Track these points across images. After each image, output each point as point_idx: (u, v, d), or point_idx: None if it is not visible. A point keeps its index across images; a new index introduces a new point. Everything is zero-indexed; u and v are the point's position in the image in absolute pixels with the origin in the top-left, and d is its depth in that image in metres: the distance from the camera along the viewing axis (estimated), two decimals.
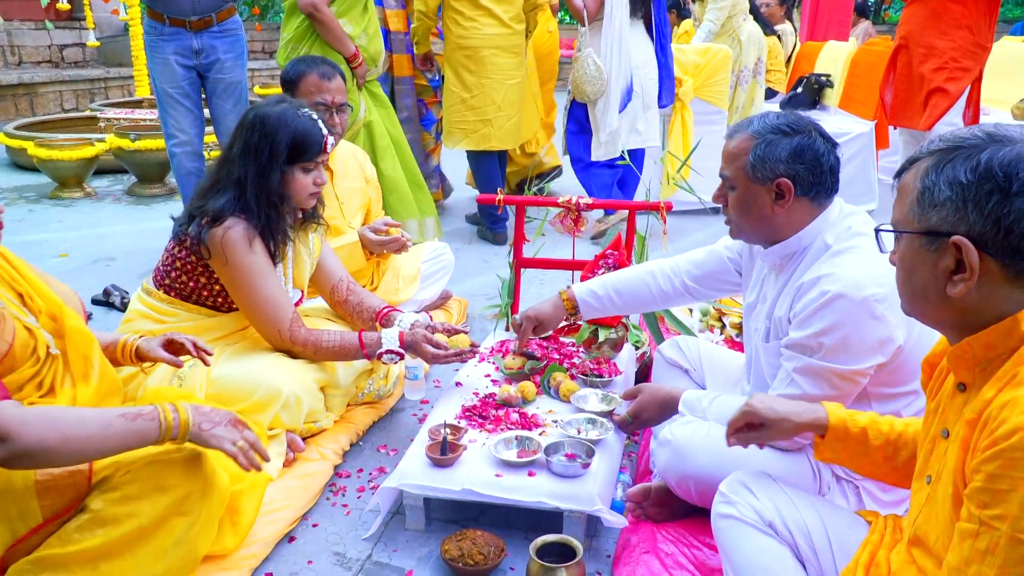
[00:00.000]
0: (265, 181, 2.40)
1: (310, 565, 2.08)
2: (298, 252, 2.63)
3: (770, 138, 1.87)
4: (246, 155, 2.40)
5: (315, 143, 2.43)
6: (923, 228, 1.20)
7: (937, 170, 1.18)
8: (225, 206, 2.38)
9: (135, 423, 1.64)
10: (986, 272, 1.16)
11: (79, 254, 4.64)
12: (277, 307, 2.44)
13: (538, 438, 2.26)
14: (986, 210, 1.13)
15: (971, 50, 4.31)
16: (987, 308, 1.18)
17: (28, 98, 8.92)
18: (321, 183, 2.51)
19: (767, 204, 1.90)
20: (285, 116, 2.40)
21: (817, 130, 1.90)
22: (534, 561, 1.86)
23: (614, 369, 2.67)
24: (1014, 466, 1.05)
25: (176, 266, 2.47)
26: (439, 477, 2.14)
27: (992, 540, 1.07)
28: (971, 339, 1.20)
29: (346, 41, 3.99)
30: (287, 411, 2.42)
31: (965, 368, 1.24)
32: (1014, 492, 1.05)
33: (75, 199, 6.05)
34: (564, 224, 3.10)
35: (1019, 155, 1.13)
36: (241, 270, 2.38)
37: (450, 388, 2.65)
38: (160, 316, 2.50)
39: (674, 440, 2.02)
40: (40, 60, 9.75)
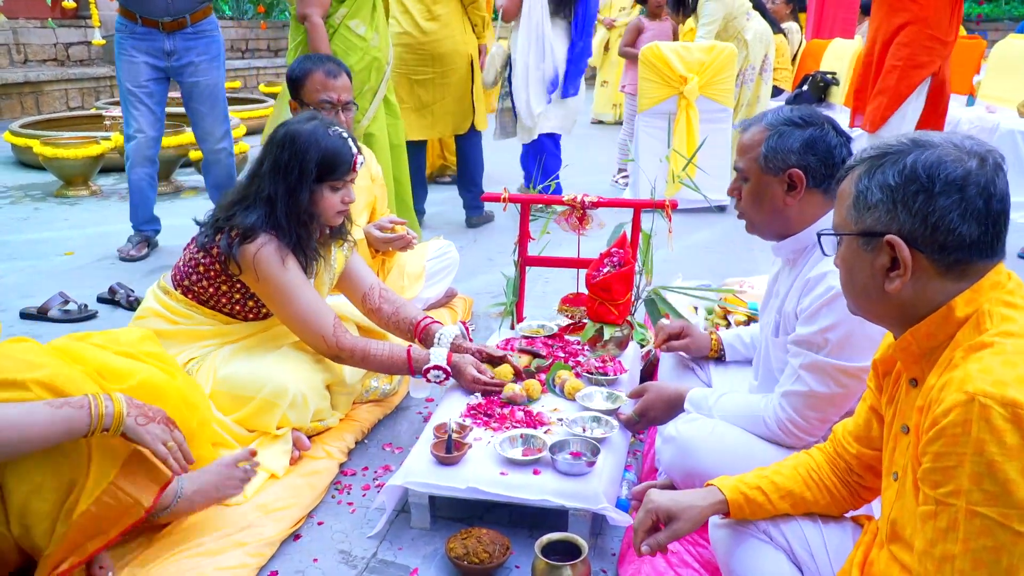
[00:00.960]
0: (295, 199, 2.39)
1: (315, 563, 2.08)
2: (319, 268, 2.62)
3: (783, 129, 1.90)
4: (276, 173, 2.40)
5: (345, 162, 2.43)
6: (859, 230, 1.30)
7: (869, 175, 1.28)
8: (256, 223, 2.37)
9: (61, 410, 1.55)
10: (919, 267, 1.25)
11: (84, 252, 4.65)
12: (318, 315, 2.43)
13: (543, 436, 2.26)
14: (914, 209, 1.22)
15: (927, 45, 4.27)
16: (923, 301, 1.27)
17: (34, 96, 8.93)
18: (349, 201, 2.50)
19: (779, 195, 1.92)
20: (316, 134, 2.39)
21: (830, 123, 1.93)
22: (539, 559, 1.86)
23: (619, 367, 2.67)
24: (956, 442, 1.11)
25: (199, 271, 2.46)
26: (444, 475, 2.14)
27: (951, 517, 1.12)
28: (912, 331, 1.29)
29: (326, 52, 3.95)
30: (294, 410, 2.42)
31: (912, 360, 1.32)
32: (960, 467, 1.11)
33: (81, 197, 6.06)
34: (569, 222, 3.09)
35: (940, 158, 1.22)
36: (276, 285, 2.38)
37: (455, 386, 2.65)
38: (174, 317, 2.50)
39: (679, 437, 2.02)
40: (46, 58, 9.76)
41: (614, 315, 2.78)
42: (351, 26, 4.00)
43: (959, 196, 1.20)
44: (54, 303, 3.63)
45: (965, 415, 1.11)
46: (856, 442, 1.56)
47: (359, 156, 2.48)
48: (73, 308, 3.65)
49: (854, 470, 1.58)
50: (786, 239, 1.98)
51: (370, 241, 3.20)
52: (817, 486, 1.58)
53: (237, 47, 12.74)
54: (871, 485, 1.57)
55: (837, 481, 1.59)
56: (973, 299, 1.23)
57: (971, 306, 1.23)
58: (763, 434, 1.97)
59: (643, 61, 5.59)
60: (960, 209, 1.20)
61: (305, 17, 3.86)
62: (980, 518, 1.10)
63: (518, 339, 2.97)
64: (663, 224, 2.97)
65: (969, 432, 1.10)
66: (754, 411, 1.99)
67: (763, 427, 1.96)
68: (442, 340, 2.65)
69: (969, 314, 1.23)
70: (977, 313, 1.22)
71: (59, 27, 9.92)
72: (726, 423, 2.05)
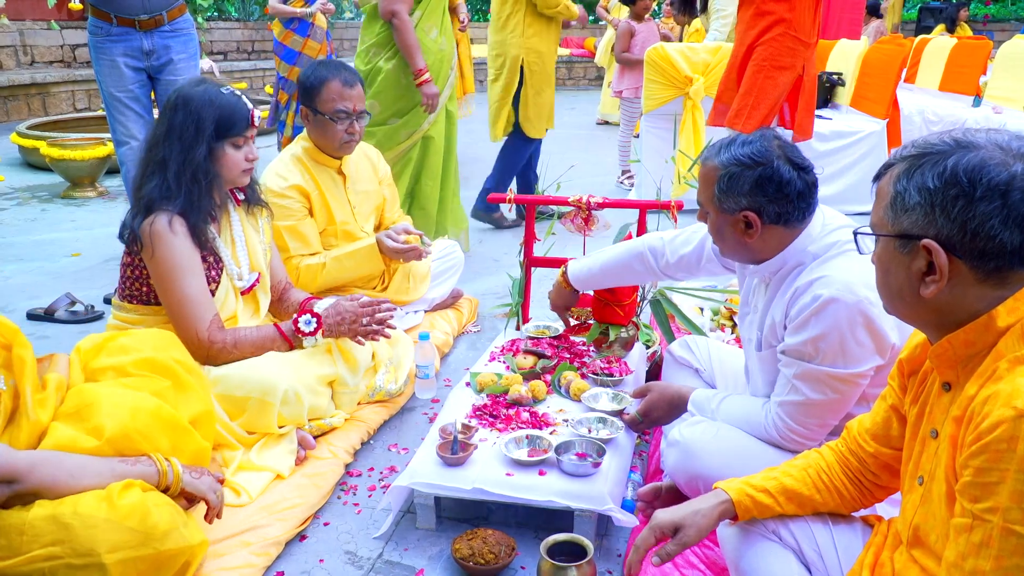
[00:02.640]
0: (190, 157, 2.38)
1: (321, 564, 2.08)
2: (248, 235, 2.63)
3: (733, 171, 1.86)
4: (170, 135, 2.40)
5: (242, 117, 2.44)
6: (896, 231, 1.25)
7: (908, 176, 1.22)
8: (153, 192, 2.37)
9: (135, 467, 1.78)
10: (957, 273, 1.20)
11: (91, 253, 4.66)
12: (198, 306, 2.39)
13: (549, 437, 2.26)
14: (953, 214, 1.17)
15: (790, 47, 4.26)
16: (961, 307, 1.22)
17: (41, 98, 8.97)
18: (253, 159, 2.52)
19: (739, 233, 1.92)
20: (208, 93, 2.42)
21: (784, 155, 1.86)
22: (545, 560, 1.86)
23: (625, 368, 2.67)
24: (1000, 458, 1.08)
25: (128, 274, 2.46)
26: (450, 476, 2.14)
27: (986, 533, 1.10)
28: (950, 337, 1.24)
29: (418, 54, 4.00)
30: (287, 407, 2.41)
31: (947, 366, 1.27)
32: (1002, 484, 1.08)
33: (87, 199, 6.07)
34: (574, 223, 3.09)
35: (983, 160, 1.16)
36: (166, 264, 2.35)
37: (461, 387, 2.66)
38: (132, 327, 2.45)
39: (683, 441, 2.02)
40: (52, 60, 9.79)
41: (620, 316, 2.78)
42: (424, 29, 4.05)
43: (1001, 202, 1.14)
44: (61, 304, 3.64)
45: (1013, 431, 1.07)
46: (873, 440, 1.54)
47: (255, 111, 2.50)
48: (80, 309, 3.66)
49: (870, 468, 1.55)
50: (761, 264, 1.98)
51: (383, 250, 3.16)
52: (827, 488, 1.57)
53: (243, 48, 12.76)
54: (887, 484, 1.55)
55: (847, 481, 1.58)
56: (1016, 308, 1.18)
57: (1014, 315, 1.18)
58: (765, 439, 1.98)
59: (648, 62, 5.58)
60: (1002, 215, 1.14)
61: (393, 14, 3.89)
62: (1017, 537, 1.07)
63: (524, 340, 2.97)
64: (668, 225, 2.96)
65: (1015, 449, 1.07)
66: (755, 416, 2.00)
67: (764, 433, 1.97)
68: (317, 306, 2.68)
69: (1011, 324, 1.18)
70: (1021, 323, 1.18)
71: (65, 28, 9.95)
72: (730, 427, 2.05)
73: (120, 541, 1.66)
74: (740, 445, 1.98)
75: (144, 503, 1.72)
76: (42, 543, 1.62)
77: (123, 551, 1.66)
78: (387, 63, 4.10)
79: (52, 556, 1.62)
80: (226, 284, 2.53)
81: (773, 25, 4.22)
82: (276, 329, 2.54)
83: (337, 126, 3.04)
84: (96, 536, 1.64)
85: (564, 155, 7.14)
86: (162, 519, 1.73)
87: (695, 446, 1.99)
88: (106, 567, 1.63)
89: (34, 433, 1.81)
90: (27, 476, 1.63)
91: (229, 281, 2.54)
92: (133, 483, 1.75)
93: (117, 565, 1.64)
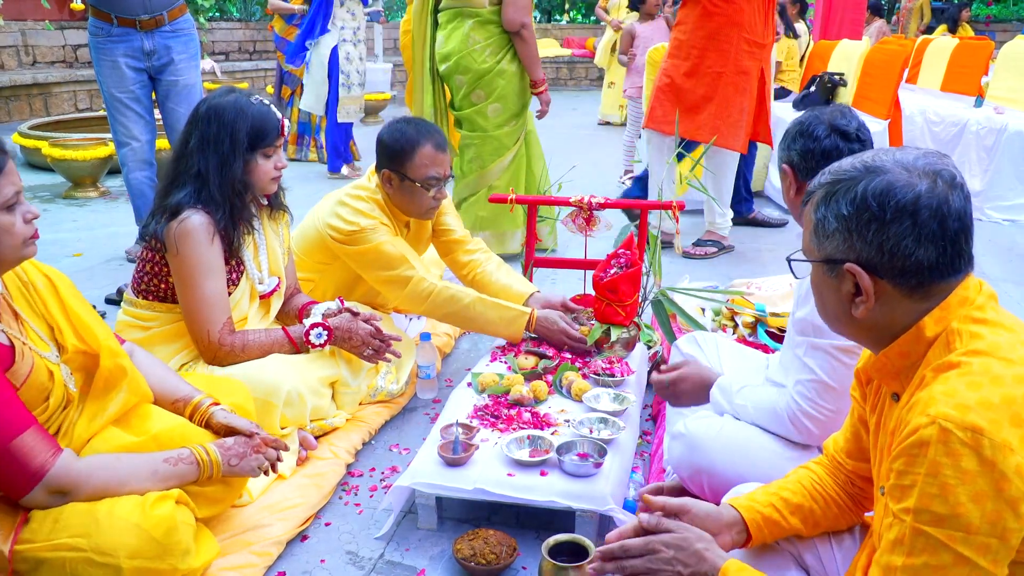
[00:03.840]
0: (228, 171, 2.38)
1: (323, 564, 2.08)
2: (269, 240, 2.63)
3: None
4: (205, 147, 2.39)
5: (273, 127, 2.45)
6: (822, 257, 1.30)
7: (825, 203, 1.27)
8: (183, 200, 2.37)
9: (178, 467, 1.84)
10: (882, 292, 1.24)
11: (93, 253, 4.66)
12: (214, 308, 2.39)
13: (550, 437, 2.25)
14: (868, 237, 1.22)
15: (747, 50, 4.26)
16: (893, 322, 1.26)
17: (42, 98, 8.97)
18: (282, 167, 2.52)
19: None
20: (239, 104, 2.41)
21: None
22: (546, 560, 1.86)
23: (626, 369, 2.66)
24: (913, 462, 1.14)
25: (146, 270, 2.46)
26: (451, 476, 2.14)
27: (900, 531, 1.16)
28: (886, 351, 1.29)
29: (538, 65, 4.09)
30: (290, 407, 2.42)
31: (890, 378, 1.31)
32: (914, 487, 1.13)
33: (89, 199, 6.08)
34: (576, 223, 3.09)
35: (889, 184, 1.20)
36: (189, 262, 2.35)
37: (462, 388, 2.65)
38: (144, 323, 2.48)
39: (688, 434, 2.02)
40: (54, 60, 9.81)
41: (621, 316, 2.78)
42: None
43: (911, 221, 1.19)
44: None
45: (925, 437, 1.12)
46: (849, 457, 1.55)
47: (284, 120, 2.50)
48: None
49: (855, 483, 1.57)
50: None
51: (539, 323, 2.89)
52: (824, 499, 1.56)
53: (244, 48, 12.77)
54: (872, 496, 1.55)
55: (841, 492, 1.57)
56: (942, 317, 1.23)
57: (940, 325, 1.23)
58: (778, 430, 1.97)
59: (649, 63, 5.58)
60: (914, 234, 1.19)
61: (523, 25, 3.96)
62: (925, 537, 1.12)
63: (525, 340, 2.97)
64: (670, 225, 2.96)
65: (926, 454, 1.12)
66: (772, 404, 1.98)
67: (777, 421, 1.96)
68: (315, 311, 2.68)
69: (939, 333, 1.23)
70: (946, 332, 1.22)
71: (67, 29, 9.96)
72: (735, 421, 2.06)
73: (142, 549, 1.69)
74: (745, 439, 1.98)
75: (173, 518, 1.75)
76: (70, 533, 1.66)
77: (141, 559, 1.68)
78: (510, 65, 4.23)
79: (75, 548, 1.65)
80: (244, 287, 2.53)
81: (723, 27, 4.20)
82: (285, 335, 2.54)
83: (427, 194, 2.86)
84: (121, 538, 1.67)
85: (565, 156, 7.14)
86: (185, 537, 1.77)
87: (700, 439, 1.99)
88: (122, 571, 1.66)
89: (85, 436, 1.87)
90: (83, 486, 1.71)
91: (248, 284, 2.54)
92: (169, 495, 1.79)
93: (132, 572, 1.67)
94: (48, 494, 1.67)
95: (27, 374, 1.71)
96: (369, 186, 2.94)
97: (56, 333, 1.85)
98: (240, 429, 2.01)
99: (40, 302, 1.85)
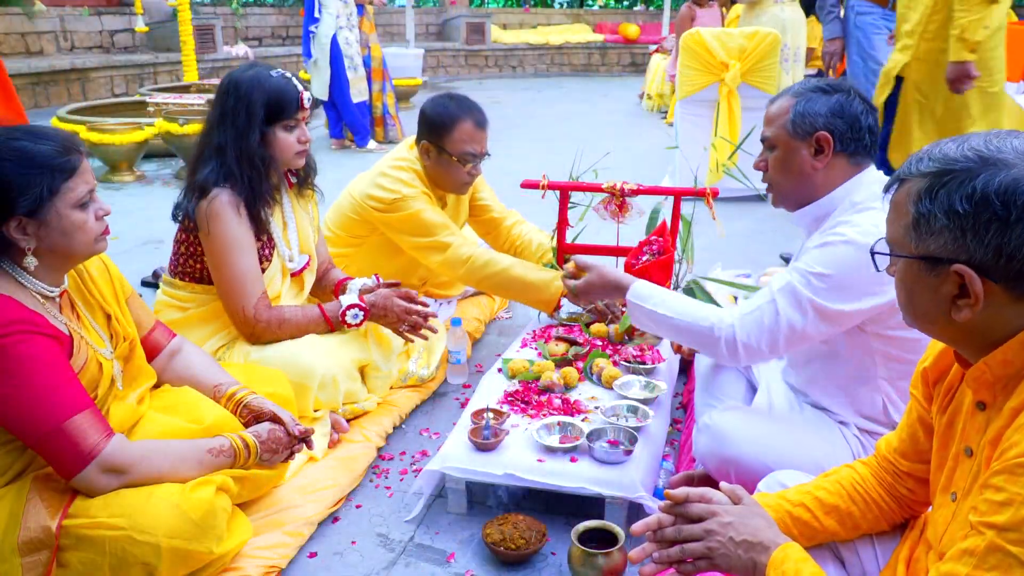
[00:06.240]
0: (245, 144, 2.39)
1: (353, 545, 2.10)
2: (299, 218, 2.64)
3: (810, 96, 1.92)
4: (224, 121, 2.41)
5: (291, 100, 2.44)
6: (921, 254, 1.16)
7: (930, 196, 1.13)
8: (209, 176, 2.38)
9: (218, 459, 1.89)
10: (991, 295, 1.11)
11: (129, 236, 4.73)
12: (248, 283, 2.41)
13: (580, 424, 2.25)
14: (986, 239, 1.09)
15: None
16: (997, 327, 1.14)
17: (80, 83, 9.08)
18: (306, 140, 2.51)
19: (807, 160, 1.93)
20: (258, 77, 2.41)
21: (856, 92, 1.93)
22: (575, 546, 1.86)
23: (657, 356, 2.65)
24: (1016, 482, 1.05)
25: (182, 251, 2.49)
26: (481, 461, 2.15)
27: (976, 543, 1.08)
28: (987, 359, 1.17)
29: None
30: (324, 391, 2.44)
31: (985, 388, 1.20)
32: (1009, 506, 1.05)
33: (126, 183, 6.16)
34: (608, 210, 3.07)
35: (1015, 180, 1.07)
36: (220, 240, 2.37)
37: (492, 373, 2.66)
38: (182, 304, 2.53)
39: (713, 425, 2.02)
40: (91, 45, 9.91)
41: None
42: None
43: None
44: None
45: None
46: (904, 459, 1.49)
47: (305, 93, 2.48)
48: None
49: (906, 485, 1.50)
50: (807, 206, 1.99)
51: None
52: (864, 500, 1.51)
53: (277, 34, 12.83)
54: (924, 499, 1.49)
55: (884, 494, 1.52)
56: None
57: None
58: (698, 343, 2.00)
59: (684, 47, 5.53)
60: None
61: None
62: (1003, 553, 1.05)
63: (556, 327, 2.96)
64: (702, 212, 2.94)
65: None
66: (702, 319, 1.97)
67: (704, 337, 1.96)
68: (351, 286, 2.68)
69: None
70: None
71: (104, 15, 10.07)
72: (760, 413, 2.06)
73: (180, 529, 1.72)
74: (770, 431, 1.98)
75: (212, 502, 1.79)
76: (110, 512, 1.70)
77: (180, 539, 1.72)
78: None
79: (115, 527, 1.68)
80: (276, 264, 2.55)
81: None
82: (321, 314, 2.56)
83: (463, 168, 2.92)
84: (161, 518, 1.70)
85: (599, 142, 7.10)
86: (221, 522, 1.81)
87: (725, 430, 1.99)
88: (161, 549, 1.69)
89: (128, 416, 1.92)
90: (137, 467, 1.75)
91: (280, 262, 2.57)
92: (210, 480, 1.83)
93: (170, 552, 1.70)
94: (102, 472, 1.71)
95: (81, 366, 1.76)
96: (409, 157, 2.99)
97: (113, 322, 1.91)
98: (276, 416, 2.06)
99: (97, 291, 1.91)
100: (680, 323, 2.00)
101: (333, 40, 7.09)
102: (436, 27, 14.80)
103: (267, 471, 2.08)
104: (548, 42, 14.83)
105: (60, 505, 1.71)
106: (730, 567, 1.31)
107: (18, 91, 3.70)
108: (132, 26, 9.77)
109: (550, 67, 14.94)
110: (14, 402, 1.62)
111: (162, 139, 6.23)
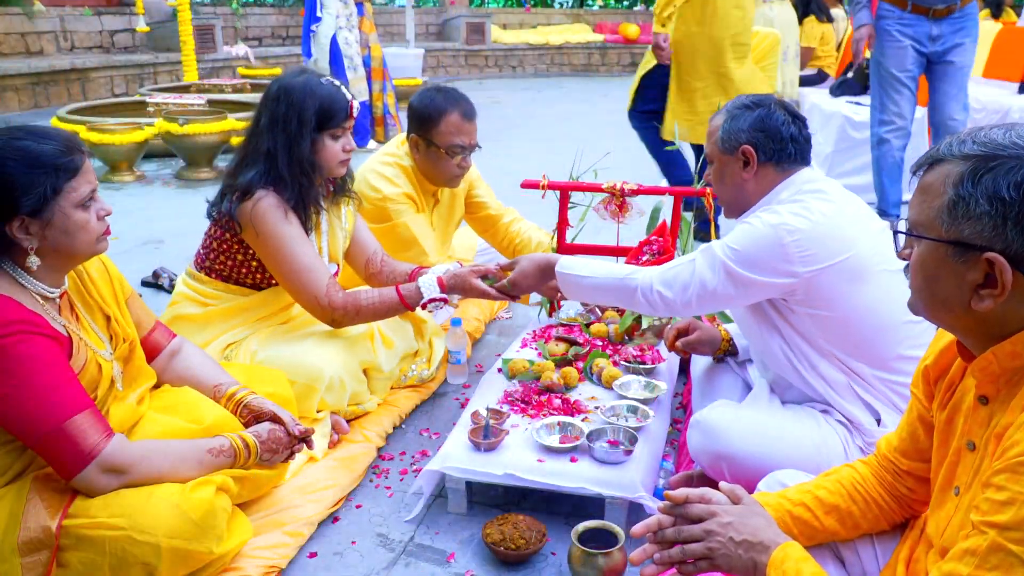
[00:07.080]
0: (296, 150, 2.39)
1: (354, 545, 2.10)
2: (332, 225, 2.64)
3: (736, 113, 2.08)
4: (274, 126, 2.40)
5: (341, 108, 2.44)
6: (952, 238, 1.12)
7: (973, 179, 1.09)
8: (254, 179, 2.38)
9: (218, 459, 1.89)
10: (1017, 287, 1.09)
11: (129, 236, 4.73)
12: (313, 272, 2.41)
13: (580, 424, 2.25)
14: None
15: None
16: (1012, 319, 1.13)
17: (80, 83, 9.07)
18: (350, 149, 2.51)
19: (738, 172, 2.08)
20: (310, 84, 2.41)
21: (779, 104, 2.08)
22: (575, 546, 1.86)
23: (657, 356, 2.65)
24: (1018, 481, 1.06)
25: (214, 247, 2.49)
26: (481, 461, 2.15)
27: (978, 543, 1.08)
28: (995, 349, 1.15)
29: None
30: (331, 393, 2.44)
31: (989, 380, 1.19)
32: (1011, 505, 1.06)
33: (125, 183, 6.15)
34: (608, 209, 3.07)
35: None
36: (274, 240, 2.37)
37: (492, 373, 2.66)
38: (203, 299, 2.54)
39: (704, 421, 2.04)
40: (91, 45, 9.90)
41: None
42: None
43: None
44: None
45: None
46: (905, 458, 1.48)
47: (354, 101, 2.49)
48: None
49: (906, 484, 1.49)
50: (744, 213, 2.10)
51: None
52: (864, 499, 1.50)
53: (277, 34, 12.82)
54: (925, 498, 1.48)
55: (885, 493, 1.51)
56: None
57: None
58: (621, 298, 2.14)
59: None
60: None
61: None
62: (1004, 553, 1.05)
63: (556, 327, 2.96)
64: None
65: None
66: (625, 276, 2.12)
67: (624, 290, 2.11)
68: (430, 272, 2.60)
69: None
70: None
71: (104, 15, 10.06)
72: (751, 407, 2.10)
73: (180, 529, 1.72)
74: (763, 425, 2.01)
75: (212, 503, 1.79)
76: (111, 512, 1.70)
77: (180, 539, 1.72)
78: None
79: (115, 527, 1.68)
80: None
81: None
82: (398, 295, 2.50)
83: (452, 160, 2.91)
84: (161, 517, 1.70)
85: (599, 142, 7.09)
86: (221, 522, 1.81)
87: (717, 426, 2.02)
88: (161, 549, 1.69)
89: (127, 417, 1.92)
90: (137, 467, 1.74)
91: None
92: (210, 480, 1.83)
93: (170, 552, 1.70)
94: (102, 472, 1.71)
95: (80, 368, 1.76)
96: (397, 152, 3.00)
97: (112, 323, 1.91)
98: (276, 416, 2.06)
99: (96, 292, 1.91)
100: (606, 282, 2.15)
101: (333, 40, 7.13)
102: (436, 27, 14.80)
103: (267, 471, 2.08)
104: (548, 42, 14.82)
105: (60, 505, 1.71)
106: (731, 567, 1.31)
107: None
108: (132, 26, 9.78)
109: (550, 67, 14.93)
110: (14, 402, 1.62)
111: (162, 139, 6.23)
